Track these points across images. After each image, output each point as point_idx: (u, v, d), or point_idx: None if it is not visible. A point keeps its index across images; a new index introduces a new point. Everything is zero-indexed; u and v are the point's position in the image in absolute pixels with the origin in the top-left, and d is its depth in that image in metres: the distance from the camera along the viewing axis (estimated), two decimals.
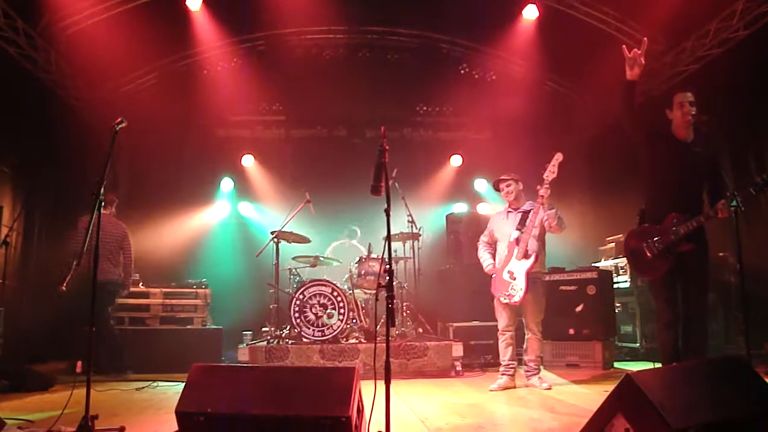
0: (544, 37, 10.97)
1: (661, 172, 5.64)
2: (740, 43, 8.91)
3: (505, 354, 7.00)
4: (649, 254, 5.46)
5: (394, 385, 3.77)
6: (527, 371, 6.96)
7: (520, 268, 6.74)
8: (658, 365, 6.65)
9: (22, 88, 9.36)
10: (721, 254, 7.68)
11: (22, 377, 7.01)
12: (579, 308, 8.76)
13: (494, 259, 7.14)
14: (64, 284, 4.63)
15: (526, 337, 7.01)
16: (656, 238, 5.42)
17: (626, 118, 5.83)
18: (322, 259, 9.58)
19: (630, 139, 5.86)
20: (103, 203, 4.60)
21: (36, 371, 7.29)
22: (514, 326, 7.04)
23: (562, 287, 8.97)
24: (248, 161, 12.88)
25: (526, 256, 6.72)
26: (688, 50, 9.82)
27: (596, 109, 12.20)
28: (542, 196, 6.65)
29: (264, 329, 9.65)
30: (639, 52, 5.65)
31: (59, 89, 10.34)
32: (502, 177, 7.21)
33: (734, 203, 4.89)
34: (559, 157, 6.77)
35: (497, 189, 7.31)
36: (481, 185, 13.23)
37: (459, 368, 8.13)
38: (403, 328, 8.84)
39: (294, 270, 9.57)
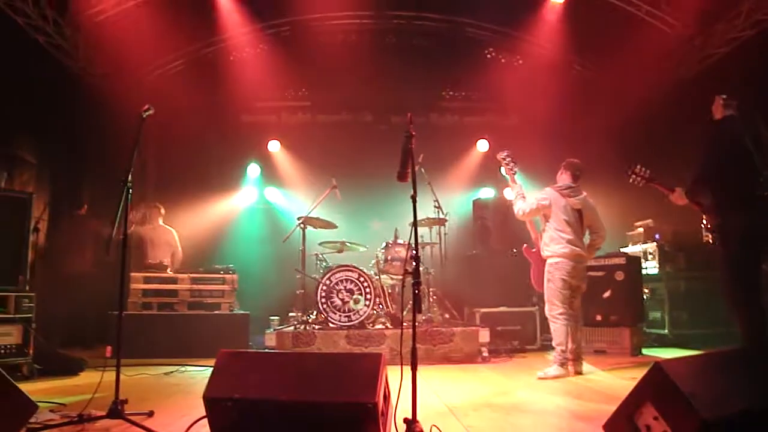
0: (571, 20, 10.86)
1: None
2: None
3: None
4: None
5: (420, 370, 3.77)
6: None
7: None
8: (687, 352, 6.62)
9: (50, 77, 9.42)
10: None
11: (53, 361, 7.10)
12: (607, 294, 8.71)
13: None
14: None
15: None
16: None
17: None
18: (348, 244, 9.59)
19: None
20: (131, 189, 4.63)
21: (66, 356, 7.39)
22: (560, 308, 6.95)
23: (590, 273, 8.87)
24: (274, 147, 12.89)
25: None
26: (718, 33, 9.66)
27: (624, 93, 12.05)
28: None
29: (291, 314, 9.68)
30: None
31: (87, 77, 10.39)
32: None
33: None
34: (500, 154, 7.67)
35: None
36: None
37: (485, 354, 8.12)
38: (429, 314, 8.84)
39: (320, 255, 9.59)
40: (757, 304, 5.29)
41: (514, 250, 9.35)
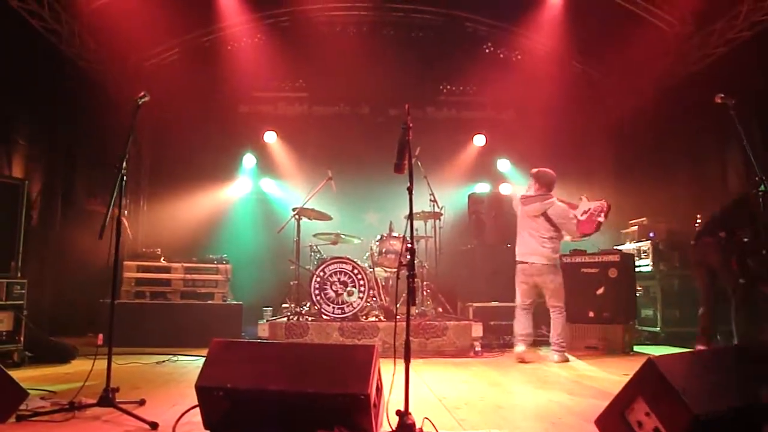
0: (570, 16, 10.86)
1: None
2: None
3: None
4: None
5: (413, 364, 3.76)
6: None
7: None
8: (679, 350, 6.67)
9: (45, 62, 9.36)
10: (745, 240, 7.64)
11: (44, 349, 7.09)
12: (600, 291, 8.71)
13: None
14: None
15: None
16: None
17: None
18: (343, 236, 9.58)
19: None
20: (125, 176, 4.61)
21: (58, 343, 7.37)
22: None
23: (584, 269, 8.92)
24: (271, 138, 12.86)
25: None
26: (717, 32, 9.65)
27: (622, 90, 12.06)
28: None
29: (284, 305, 9.68)
30: None
31: (82, 63, 10.35)
32: None
33: (762, 188, 4.83)
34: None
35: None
36: (504, 165, 13.16)
37: (478, 348, 8.14)
38: (423, 307, 8.84)
39: (315, 247, 9.58)
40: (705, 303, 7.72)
41: (509, 245, 9.35)
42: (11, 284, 6.74)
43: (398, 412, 3.61)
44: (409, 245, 4.00)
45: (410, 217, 4.04)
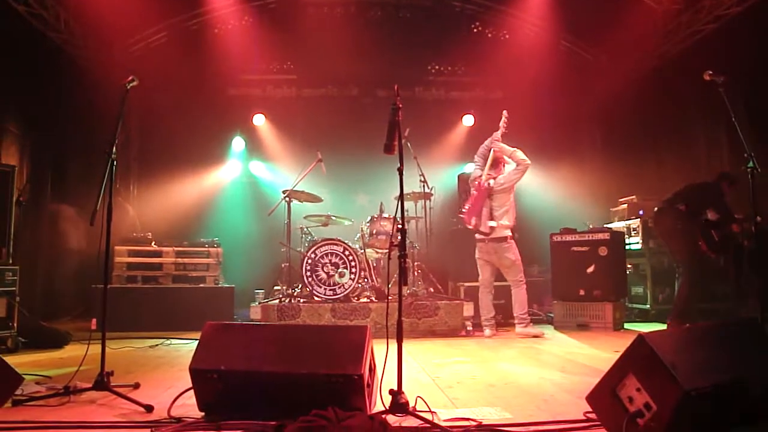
0: None
1: None
2: (762, 1, 8.71)
3: None
4: None
5: (405, 344, 3.79)
6: None
7: None
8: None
9: (31, 48, 9.29)
10: (735, 216, 7.70)
11: (38, 334, 7.09)
12: (590, 269, 8.76)
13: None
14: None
15: None
16: None
17: None
18: (333, 218, 9.58)
19: None
20: (115, 162, 4.59)
21: (51, 329, 7.37)
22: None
23: (574, 248, 8.96)
24: (259, 120, 12.84)
25: None
26: (706, 8, 9.65)
27: (611, 70, 12.06)
28: None
29: (276, 288, 9.71)
30: None
31: (69, 48, 10.27)
32: None
33: (750, 164, 4.85)
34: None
35: None
36: None
37: (469, 327, 8.19)
38: (414, 288, 8.87)
39: (306, 229, 9.59)
40: None
41: None
42: (3, 271, 6.73)
43: (391, 392, 3.64)
44: (400, 226, 4.02)
45: (401, 197, 4.05)
